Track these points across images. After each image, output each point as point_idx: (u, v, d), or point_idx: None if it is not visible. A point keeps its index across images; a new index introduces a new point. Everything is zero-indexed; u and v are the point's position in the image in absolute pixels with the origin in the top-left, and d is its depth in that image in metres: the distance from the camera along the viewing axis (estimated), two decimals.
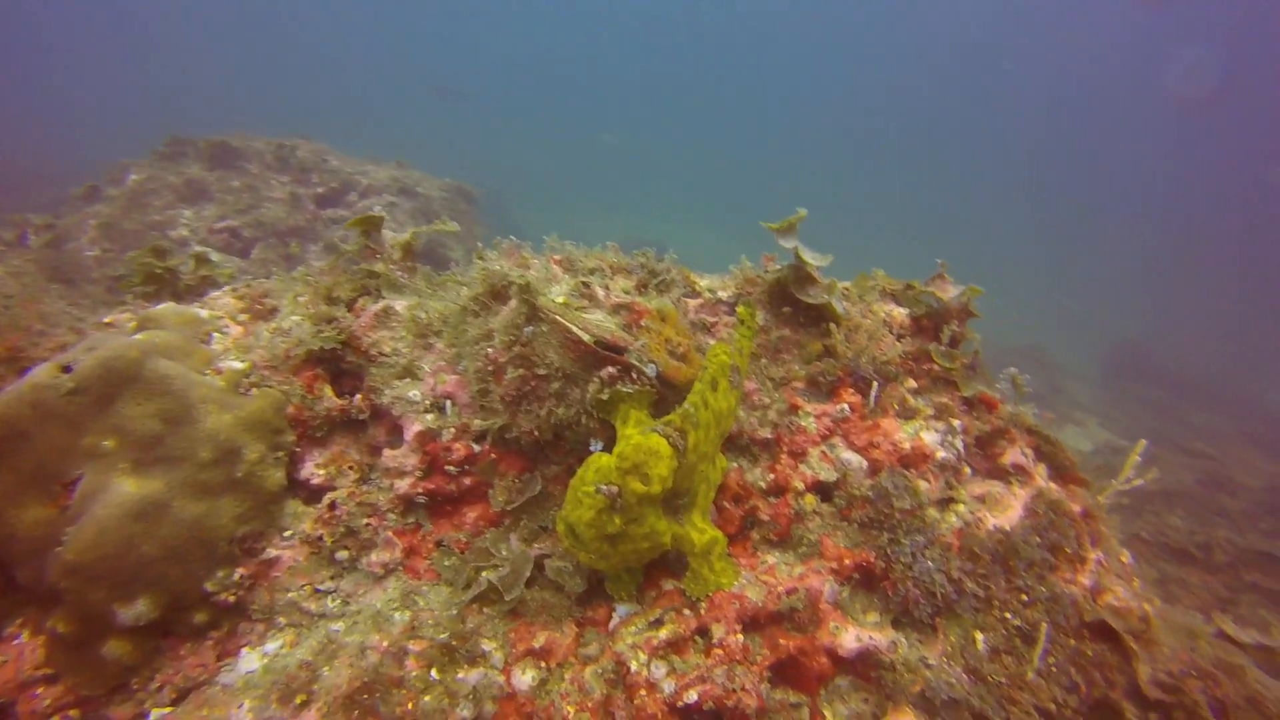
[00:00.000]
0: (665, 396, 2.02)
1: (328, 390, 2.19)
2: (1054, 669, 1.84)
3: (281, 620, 2.08)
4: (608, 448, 1.96)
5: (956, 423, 2.09)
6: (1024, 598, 1.89)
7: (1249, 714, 1.74)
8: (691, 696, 1.68)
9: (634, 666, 1.73)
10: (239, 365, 2.20)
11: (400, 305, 2.36)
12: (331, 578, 2.12)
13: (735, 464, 2.09)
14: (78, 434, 1.92)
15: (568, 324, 1.94)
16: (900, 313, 2.35)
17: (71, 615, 1.90)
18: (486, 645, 1.81)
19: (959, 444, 2.07)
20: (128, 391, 1.96)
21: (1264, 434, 18.01)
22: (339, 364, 2.25)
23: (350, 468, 2.18)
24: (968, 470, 2.09)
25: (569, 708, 1.72)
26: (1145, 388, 20.41)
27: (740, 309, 2.05)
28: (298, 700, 1.83)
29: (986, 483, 2.10)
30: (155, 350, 2.05)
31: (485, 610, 1.91)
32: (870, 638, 1.80)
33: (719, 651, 1.75)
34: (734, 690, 1.69)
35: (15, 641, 1.99)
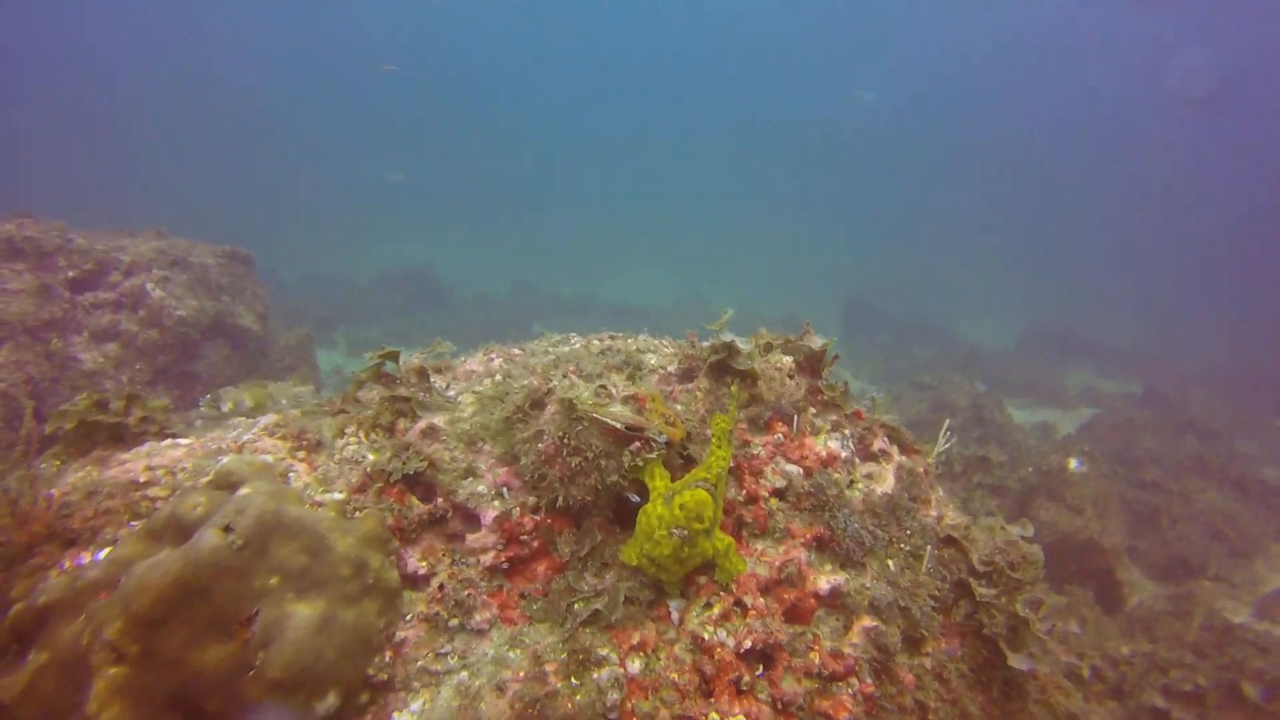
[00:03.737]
0: (669, 451, 2.93)
1: (415, 500, 2.80)
2: (931, 570, 3.04)
3: (416, 684, 2.69)
4: (642, 496, 2.82)
5: (846, 431, 3.23)
6: (908, 532, 3.07)
7: (1024, 565, 3.06)
8: (748, 644, 2.63)
9: (706, 636, 2.64)
10: (339, 496, 2.73)
11: (439, 421, 3.00)
12: (447, 642, 2.75)
13: None
14: (248, 580, 2.37)
15: (603, 419, 2.76)
16: (788, 360, 3.43)
17: None
18: (602, 651, 2.61)
19: (851, 444, 3.21)
20: (275, 537, 2.45)
21: (960, 360, 22.73)
22: (416, 478, 2.85)
23: (443, 555, 2.82)
24: (857, 460, 3.24)
25: (673, 674, 2.58)
26: (876, 334, 24.65)
27: (733, 388, 3.01)
28: None
29: (868, 465, 3.27)
30: (279, 499, 2.53)
31: (588, 630, 2.69)
32: (833, 579, 2.86)
33: (753, 612, 2.71)
34: (770, 632, 2.66)
35: None
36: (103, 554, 2.81)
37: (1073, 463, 10.57)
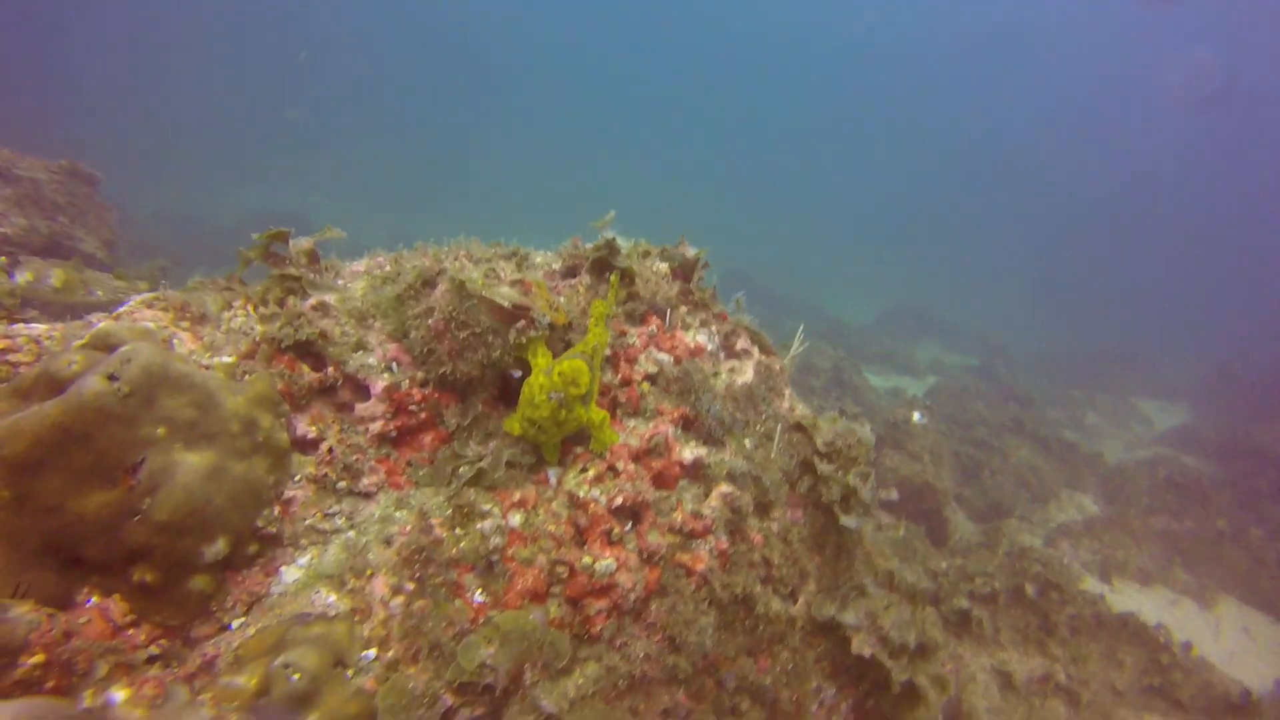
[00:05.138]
0: (551, 335, 3.16)
1: (305, 368, 2.89)
2: (781, 450, 3.46)
3: (304, 541, 2.80)
4: (525, 374, 3.04)
5: (713, 328, 3.58)
6: (763, 417, 3.47)
7: (858, 446, 3.54)
8: (619, 501, 2.93)
9: (581, 494, 2.91)
10: (228, 359, 2.77)
11: (330, 299, 3.08)
12: (335, 503, 2.88)
13: None
14: (134, 428, 2.40)
15: (491, 297, 2.96)
16: (663, 266, 3.74)
17: (158, 565, 2.43)
18: (485, 506, 2.83)
19: (717, 340, 3.56)
20: (163, 389, 2.48)
21: (827, 331, 24.25)
22: (306, 348, 2.93)
23: (332, 422, 2.92)
24: (722, 355, 3.61)
25: (551, 527, 2.85)
26: (751, 307, 25.87)
27: (612, 277, 3.26)
28: (367, 573, 2.66)
29: (731, 361, 3.65)
30: (167, 356, 2.55)
31: (472, 489, 2.90)
32: (696, 452, 3.21)
33: (624, 476, 3.01)
34: (639, 493, 2.97)
35: (89, 604, 2.42)
36: None
37: (915, 415, 11.67)
